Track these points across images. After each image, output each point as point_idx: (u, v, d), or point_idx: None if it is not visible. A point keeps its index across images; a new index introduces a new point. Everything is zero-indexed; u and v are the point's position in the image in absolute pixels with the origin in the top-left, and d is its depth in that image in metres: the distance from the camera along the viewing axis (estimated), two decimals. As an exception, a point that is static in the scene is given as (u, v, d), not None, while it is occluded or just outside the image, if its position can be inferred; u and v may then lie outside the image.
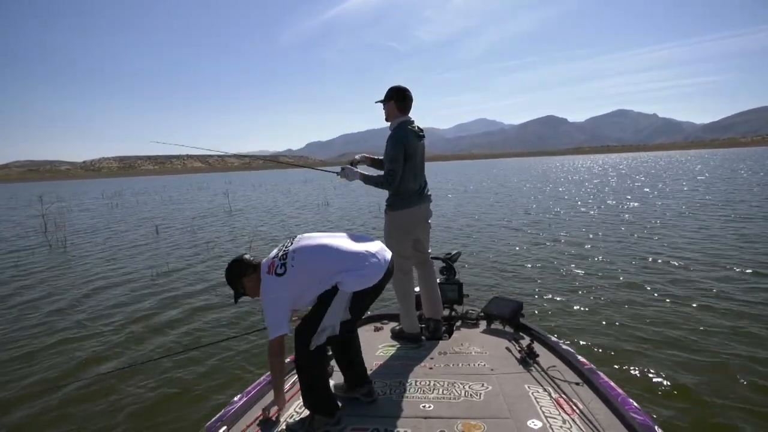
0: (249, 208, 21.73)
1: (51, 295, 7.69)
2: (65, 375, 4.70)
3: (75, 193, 48.93)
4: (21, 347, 5.43)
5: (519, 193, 23.95)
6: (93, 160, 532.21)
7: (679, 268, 7.40)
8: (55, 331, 5.95)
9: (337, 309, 2.46)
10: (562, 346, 3.35)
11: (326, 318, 2.46)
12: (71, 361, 5.02)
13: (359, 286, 2.47)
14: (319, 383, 2.53)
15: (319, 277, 2.48)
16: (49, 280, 8.91)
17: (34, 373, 4.75)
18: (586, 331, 5.11)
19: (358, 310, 2.58)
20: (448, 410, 2.57)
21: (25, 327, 6.13)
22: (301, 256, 2.52)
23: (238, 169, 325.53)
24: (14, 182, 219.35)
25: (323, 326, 2.46)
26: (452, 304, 4.17)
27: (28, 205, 30.58)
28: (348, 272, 2.47)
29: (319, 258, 2.51)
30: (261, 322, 5.73)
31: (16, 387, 4.46)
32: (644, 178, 31.36)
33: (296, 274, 2.48)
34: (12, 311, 6.89)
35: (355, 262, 2.50)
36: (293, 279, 2.48)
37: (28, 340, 5.67)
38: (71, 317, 6.48)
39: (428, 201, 3.75)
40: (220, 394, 4.13)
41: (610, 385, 2.71)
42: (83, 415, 3.90)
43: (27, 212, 25.89)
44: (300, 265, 2.50)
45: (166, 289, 7.79)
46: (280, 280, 2.48)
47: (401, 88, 3.64)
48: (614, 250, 8.91)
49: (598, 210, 15.25)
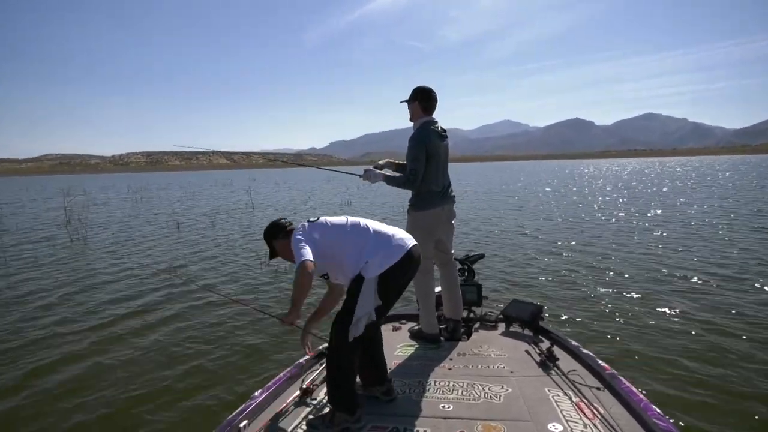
0: (267, 206, 21.77)
1: (80, 289, 7.86)
2: (84, 378, 4.78)
3: (102, 187, 49.89)
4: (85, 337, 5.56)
5: (543, 196, 23.71)
6: (122, 154, 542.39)
7: (708, 279, 7.18)
8: (98, 319, 6.10)
9: (367, 296, 2.50)
10: (582, 350, 3.32)
11: (359, 307, 2.50)
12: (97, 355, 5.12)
13: (382, 267, 2.52)
14: (345, 380, 2.56)
15: (346, 244, 2.61)
16: (61, 270, 9.12)
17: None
18: (606, 337, 5.05)
19: (387, 295, 2.58)
20: (467, 411, 2.58)
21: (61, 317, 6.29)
22: (332, 221, 2.73)
23: (263, 166, 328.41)
24: (46, 174, 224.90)
25: (357, 316, 2.50)
26: (471, 306, 4.17)
27: (48, 198, 31.28)
28: (370, 252, 2.55)
29: (347, 227, 2.68)
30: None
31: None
32: (679, 183, 30.67)
33: (327, 226, 2.69)
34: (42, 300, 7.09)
35: (378, 239, 2.61)
36: (323, 228, 2.67)
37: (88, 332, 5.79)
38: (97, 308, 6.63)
39: (451, 202, 3.75)
40: (242, 386, 4.20)
41: (632, 390, 2.67)
42: (99, 406, 3.96)
43: (49, 204, 26.50)
44: (330, 223, 2.71)
45: (179, 283, 7.91)
46: (310, 224, 2.69)
47: (426, 88, 3.65)
48: (640, 258, 8.74)
49: (625, 216, 15.01)
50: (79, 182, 72.93)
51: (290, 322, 2.64)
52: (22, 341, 5.41)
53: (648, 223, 13.00)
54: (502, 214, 16.54)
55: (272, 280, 7.93)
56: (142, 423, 3.70)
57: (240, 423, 2.47)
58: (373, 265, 2.53)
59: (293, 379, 3.04)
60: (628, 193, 24.15)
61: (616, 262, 8.39)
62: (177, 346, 5.18)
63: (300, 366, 3.17)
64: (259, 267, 8.85)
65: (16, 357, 4.97)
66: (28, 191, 43.53)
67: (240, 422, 2.48)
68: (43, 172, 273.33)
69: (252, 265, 9.15)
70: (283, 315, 2.69)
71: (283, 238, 2.76)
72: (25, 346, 5.25)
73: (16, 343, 5.37)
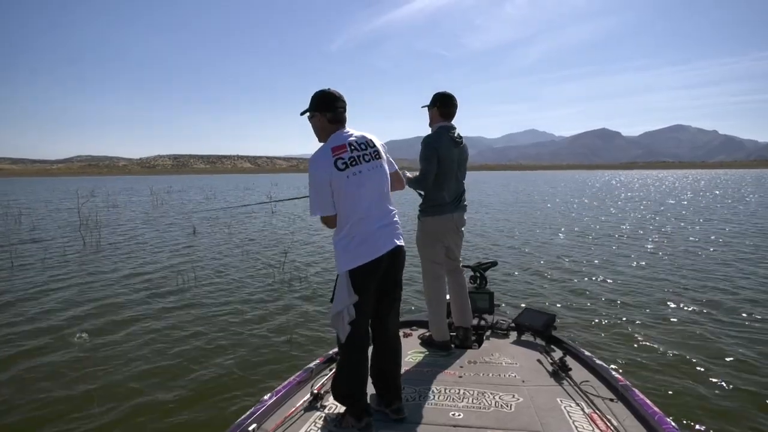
0: (289, 213, 21.50)
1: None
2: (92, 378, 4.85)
3: (124, 189, 50.74)
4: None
5: (564, 207, 23.42)
6: (149, 157, 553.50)
7: (728, 294, 7.00)
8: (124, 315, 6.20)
9: (341, 291, 2.47)
10: (595, 361, 3.26)
11: (336, 301, 2.49)
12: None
13: (350, 264, 2.47)
14: (346, 382, 2.56)
15: (342, 203, 2.48)
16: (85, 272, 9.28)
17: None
18: (620, 348, 4.95)
19: (363, 291, 2.49)
20: (477, 420, 2.55)
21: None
22: (357, 179, 2.48)
23: (286, 171, 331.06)
24: (75, 176, 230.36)
25: (334, 310, 2.49)
26: (482, 314, 4.13)
27: (64, 198, 31.94)
28: (343, 241, 2.50)
29: (362, 193, 2.49)
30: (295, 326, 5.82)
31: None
32: (709, 195, 30.04)
33: (349, 180, 2.46)
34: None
35: (360, 227, 2.49)
36: (341, 179, 2.45)
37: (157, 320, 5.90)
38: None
39: (462, 210, 3.72)
40: (252, 388, 4.21)
41: (646, 403, 2.61)
42: (110, 410, 3.94)
43: (69, 204, 26.94)
44: (358, 177, 2.48)
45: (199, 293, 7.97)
46: (335, 171, 2.45)
47: (446, 94, 3.65)
48: (658, 272, 8.54)
49: (644, 229, 14.73)
50: (103, 184, 74.38)
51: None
52: (37, 333, 5.52)
53: (667, 239, 12.71)
54: (520, 222, 16.40)
55: (284, 286, 7.98)
56: (149, 426, 3.68)
57: (249, 426, 2.46)
58: (341, 259, 2.50)
59: (303, 384, 3.04)
60: (664, 206, 23.67)
61: (637, 277, 8.21)
62: (184, 347, 5.22)
63: (310, 370, 3.17)
64: (274, 273, 8.90)
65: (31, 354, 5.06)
66: (52, 192, 44.42)
67: (249, 425, 2.47)
68: (73, 174, 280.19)
69: (266, 271, 9.21)
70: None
71: (322, 118, 2.60)
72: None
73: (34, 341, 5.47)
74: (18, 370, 4.64)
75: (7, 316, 6.32)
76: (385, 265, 2.53)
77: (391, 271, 2.60)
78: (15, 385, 4.31)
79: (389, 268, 2.57)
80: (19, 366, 4.72)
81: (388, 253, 2.52)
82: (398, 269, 2.66)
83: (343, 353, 2.60)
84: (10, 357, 4.95)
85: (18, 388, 4.27)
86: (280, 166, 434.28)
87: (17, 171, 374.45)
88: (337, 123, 2.60)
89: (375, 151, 2.59)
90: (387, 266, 2.54)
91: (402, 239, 2.65)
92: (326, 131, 2.59)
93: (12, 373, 4.57)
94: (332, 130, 2.59)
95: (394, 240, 2.57)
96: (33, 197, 36.97)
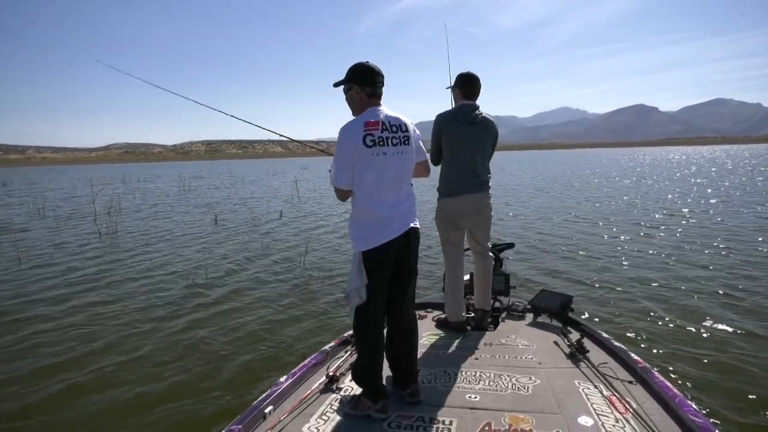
0: (314, 201, 20.27)
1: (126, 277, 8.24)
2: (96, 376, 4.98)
3: (156, 175, 51.49)
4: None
5: (589, 187, 22.68)
6: (183, 143, 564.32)
7: (756, 280, 6.55)
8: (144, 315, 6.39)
9: (354, 271, 2.46)
10: (613, 343, 3.22)
11: (348, 282, 2.51)
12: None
13: (364, 246, 2.46)
14: (362, 364, 2.57)
15: (360, 185, 2.47)
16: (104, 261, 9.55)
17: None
18: (638, 331, 4.79)
19: (376, 272, 2.47)
20: (494, 402, 2.53)
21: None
22: (381, 160, 2.45)
23: (317, 155, 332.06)
24: (113, 162, 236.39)
25: (347, 290, 2.50)
26: (498, 295, 4.08)
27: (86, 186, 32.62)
28: (358, 222, 2.51)
29: (381, 174, 2.46)
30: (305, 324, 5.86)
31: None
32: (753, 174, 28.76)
33: (372, 158, 2.43)
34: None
35: (375, 209, 2.47)
36: (365, 154, 2.42)
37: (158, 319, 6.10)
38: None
39: (479, 191, 3.54)
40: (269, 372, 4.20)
41: (666, 385, 2.57)
42: (120, 395, 3.94)
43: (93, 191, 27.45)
44: (382, 159, 2.45)
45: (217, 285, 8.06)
46: (361, 145, 2.42)
47: (467, 74, 3.56)
48: (682, 254, 8.14)
49: (674, 210, 14.09)
50: (136, 170, 75.81)
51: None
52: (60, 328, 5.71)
53: (695, 221, 12.15)
54: (541, 204, 16.04)
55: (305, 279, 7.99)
56: (167, 408, 3.70)
57: (265, 409, 2.49)
58: (356, 239, 2.50)
59: (319, 366, 3.05)
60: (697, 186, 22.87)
61: (659, 260, 7.89)
62: (202, 334, 5.26)
63: (325, 353, 3.18)
64: (293, 268, 8.96)
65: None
66: (89, 181, 45.57)
67: (265, 408, 2.49)
68: (110, 161, 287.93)
69: (285, 264, 9.26)
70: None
71: (362, 92, 2.53)
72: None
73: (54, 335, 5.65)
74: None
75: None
76: (399, 246, 2.51)
77: (406, 253, 2.58)
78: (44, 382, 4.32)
79: (404, 249, 2.55)
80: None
81: (403, 234, 2.51)
82: (412, 250, 2.63)
83: (358, 335, 2.61)
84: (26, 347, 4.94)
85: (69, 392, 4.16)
86: (311, 150, 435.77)
87: (59, 159, 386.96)
88: (375, 98, 2.54)
89: (405, 137, 2.53)
90: (401, 247, 2.53)
91: (417, 221, 2.63)
92: (362, 105, 2.54)
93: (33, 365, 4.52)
94: (368, 105, 2.53)
95: (408, 222, 2.55)
96: (69, 185, 37.97)
